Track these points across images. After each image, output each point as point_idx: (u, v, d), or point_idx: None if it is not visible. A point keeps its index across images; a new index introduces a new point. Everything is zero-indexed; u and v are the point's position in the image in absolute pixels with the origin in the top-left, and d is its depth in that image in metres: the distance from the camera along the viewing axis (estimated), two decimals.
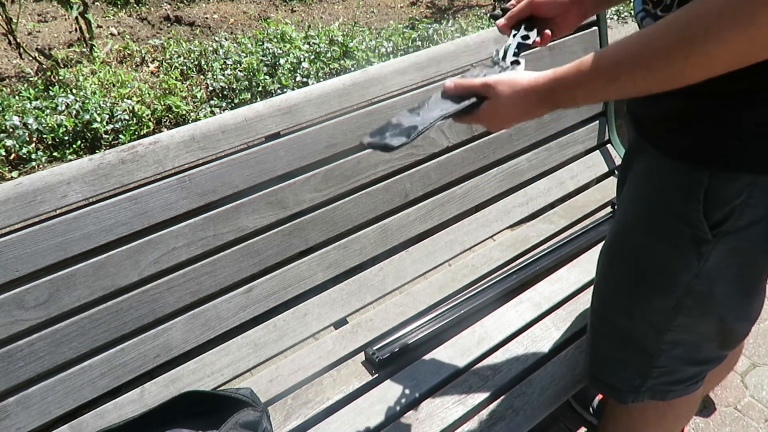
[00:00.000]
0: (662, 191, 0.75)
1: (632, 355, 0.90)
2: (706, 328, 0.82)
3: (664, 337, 0.83)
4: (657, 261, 0.79)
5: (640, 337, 0.87)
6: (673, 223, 0.74)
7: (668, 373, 0.89)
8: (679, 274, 0.76)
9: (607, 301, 0.93)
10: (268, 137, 1.13)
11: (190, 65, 2.26)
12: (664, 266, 0.78)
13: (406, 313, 1.24)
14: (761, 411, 1.48)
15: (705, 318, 0.80)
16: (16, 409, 0.94)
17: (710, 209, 0.69)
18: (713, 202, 0.69)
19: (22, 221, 0.92)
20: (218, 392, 1.00)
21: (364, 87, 1.23)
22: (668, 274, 0.78)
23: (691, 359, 0.87)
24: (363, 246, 1.27)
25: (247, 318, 1.14)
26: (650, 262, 0.80)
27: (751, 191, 0.66)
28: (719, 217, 0.69)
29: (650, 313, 0.83)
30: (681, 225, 0.73)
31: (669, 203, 0.74)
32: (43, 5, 3.16)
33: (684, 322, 0.81)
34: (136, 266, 1.01)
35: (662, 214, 0.76)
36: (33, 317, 0.94)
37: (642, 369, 0.90)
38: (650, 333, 0.85)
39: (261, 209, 1.13)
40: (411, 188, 1.32)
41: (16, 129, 1.72)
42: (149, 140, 1.03)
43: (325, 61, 2.23)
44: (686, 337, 0.83)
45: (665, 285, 0.79)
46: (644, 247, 0.81)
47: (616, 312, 0.90)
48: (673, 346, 0.84)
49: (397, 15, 3.11)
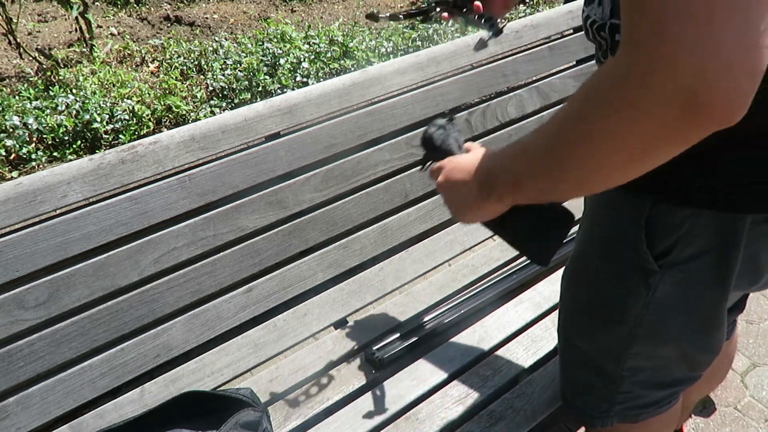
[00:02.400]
0: (612, 218, 0.74)
1: (596, 380, 0.88)
2: (666, 353, 0.79)
3: (624, 364, 0.81)
4: (609, 289, 0.78)
5: (601, 362, 0.84)
6: (623, 251, 0.72)
7: (634, 398, 0.86)
8: (630, 304, 0.75)
9: (570, 324, 0.91)
10: (268, 137, 1.13)
11: (190, 65, 2.26)
12: (616, 295, 0.76)
13: (406, 313, 1.24)
14: (761, 411, 1.48)
15: (662, 346, 0.78)
16: (16, 409, 0.94)
17: (654, 239, 0.68)
18: (657, 232, 0.67)
19: (22, 221, 0.92)
20: (218, 392, 1.00)
21: (364, 87, 1.23)
22: (618, 304, 0.76)
23: (658, 383, 0.85)
24: (363, 246, 1.27)
25: (247, 318, 1.14)
26: (603, 291, 0.79)
27: (694, 222, 0.64)
28: (663, 248, 0.67)
29: (607, 341, 0.81)
30: (629, 253, 0.71)
31: (618, 231, 0.73)
32: (43, 5, 3.15)
33: (641, 350, 0.78)
34: (136, 266, 1.01)
35: (613, 241, 0.74)
36: (33, 317, 0.94)
37: (606, 394, 0.87)
38: (610, 359, 0.82)
39: (261, 209, 1.13)
40: (411, 188, 1.32)
41: (16, 129, 1.72)
42: (149, 140, 1.03)
43: (325, 61, 2.23)
44: (646, 364, 0.81)
45: (617, 314, 0.77)
46: (597, 275, 0.79)
47: (578, 336, 0.88)
48: (634, 373, 0.82)
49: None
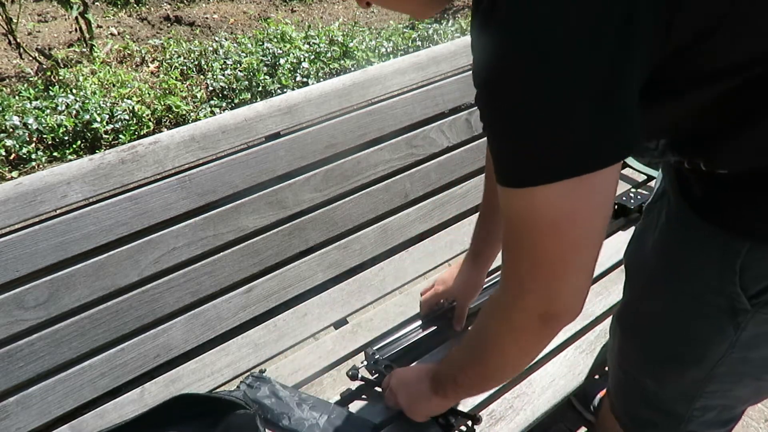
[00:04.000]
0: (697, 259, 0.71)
1: (661, 418, 0.87)
2: (741, 391, 0.78)
3: (696, 404, 0.80)
4: (689, 332, 0.75)
5: (670, 402, 0.84)
6: (709, 293, 0.70)
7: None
8: (714, 346, 0.73)
9: (635, 365, 0.89)
10: (268, 137, 1.13)
11: (190, 65, 2.26)
12: (697, 337, 0.74)
13: (406, 313, 1.23)
14: (761, 411, 1.48)
15: (739, 382, 0.77)
16: (16, 409, 0.94)
17: (747, 281, 0.66)
18: (751, 274, 0.65)
19: (22, 221, 0.92)
20: (211, 395, 1.00)
21: (364, 87, 1.23)
22: (701, 345, 0.74)
23: (722, 421, 0.84)
24: (363, 246, 1.27)
25: (247, 318, 1.14)
26: (682, 336, 0.77)
27: None
28: (757, 289, 0.66)
29: (682, 383, 0.80)
30: (716, 297, 0.69)
31: (704, 273, 0.70)
32: (43, 5, 3.15)
33: (717, 388, 0.77)
34: (136, 266, 1.01)
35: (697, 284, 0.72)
36: (33, 317, 0.94)
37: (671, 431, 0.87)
38: (682, 400, 0.81)
39: (261, 209, 1.13)
40: (411, 188, 1.32)
41: (16, 129, 1.72)
42: (149, 140, 1.03)
43: (325, 61, 2.23)
44: (720, 402, 0.80)
45: (698, 357, 0.75)
46: (676, 317, 0.77)
47: (645, 376, 0.87)
48: (704, 412, 0.81)
49: (397, 15, 3.11)
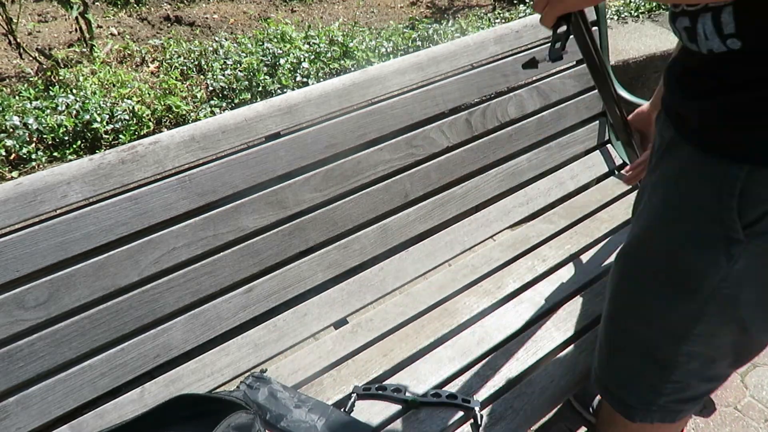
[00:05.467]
0: (695, 190, 0.73)
1: (647, 367, 0.87)
2: (725, 339, 0.79)
3: (682, 348, 0.81)
4: (683, 264, 0.76)
5: (657, 347, 0.84)
6: (705, 222, 0.71)
7: (681, 389, 0.86)
8: (706, 277, 0.74)
9: (624, 309, 0.90)
10: (268, 137, 1.13)
11: (190, 65, 2.26)
12: (691, 269, 0.75)
13: (406, 313, 1.24)
14: (761, 411, 1.48)
15: (726, 326, 0.78)
16: (16, 409, 0.94)
17: (745, 207, 0.66)
18: (749, 200, 0.66)
19: (22, 221, 0.92)
20: (211, 395, 1.00)
21: (364, 87, 1.23)
22: (694, 277, 0.75)
23: (704, 375, 0.85)
24: (363, 246, 1.27)
25: (247, 318, 1.14)
26: (676, 266, 0.78)
27: None
28: (754, 216, 0.66)
29: (670, 321, 0.81)
30: (712, 225, 0.70)
31: (701, 202, 0.71)
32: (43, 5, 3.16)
33: (704, 330, 0.78)
34: (136, 266, 1.01)
35: (693, 213, 0.73)
36: (33, 317, 0.94)
37: (656, 383, 0.87)
38: (669, 343, 0.82)
39: (261, 209, 1.13)
40: (411, 188, 1.32)
41: (16, 129, 1.72)
42: (149, 140, 1.03)
43: (325, 61, 2.23)
44: (703, 350, 0.81)
45: (690, 289, 0.76)
46: (671, 250, 0.78)
47: (634, 320, 0.88)
48: (689, 359, 0.82)
49: (397, 15, 3.11)
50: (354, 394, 1.04)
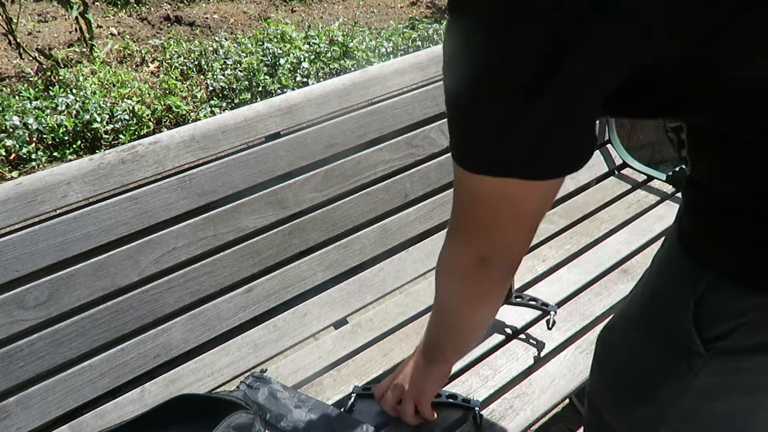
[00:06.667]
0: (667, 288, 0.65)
1: None
2: None
3: None
4: (646, 364, 0.69)
5: None
6: (669, 326, 0.63)
7: None
8: (665, 384, 0.65)
9: (596, 391, 0.83)
10: (268, 137, 1.13)
11: (190, 65, 2.26)
12: (652, 372, 0.68)
13: (406, 313, 1.24)
14: None
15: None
16: (16, 409, 0.94)
17: (702, 321, 0.57)
18: (707, 313, 0.57)
19: (22, 221, 0.92)
20: (211, 395, 1.00)
21: (364, 87, 1.23)
22: (655, 382, 0.67)
23: None
24: (363, 246, 1.27)
25: (247, 318, 1.14)
26: (639, 364, 0.70)
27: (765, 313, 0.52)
28: (714, 333, 0.57)
29: (633, 417, 0.72)
30: (675, 330, 0.61)
31: (669, 303, 0.63)
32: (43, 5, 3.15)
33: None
34: (136, 266, 1.01)
35: (661, 313, 0.65)
36: (33, 317, 0.94)
37: None
38: None
39: (261, 209, 1.13)
40: (411, 188, 1.32)
41: (16, 129, 1.72)
42: (149, 140, 1.03)
43: (325, 61, 2.23)
44: None
45: (650, 393, 0.68)
46: (637, 345, 0.70)
47: (602, 405, 0.80)
48: None
49: (397, 15, 3.11)
50: (354, 394, 1.04)
